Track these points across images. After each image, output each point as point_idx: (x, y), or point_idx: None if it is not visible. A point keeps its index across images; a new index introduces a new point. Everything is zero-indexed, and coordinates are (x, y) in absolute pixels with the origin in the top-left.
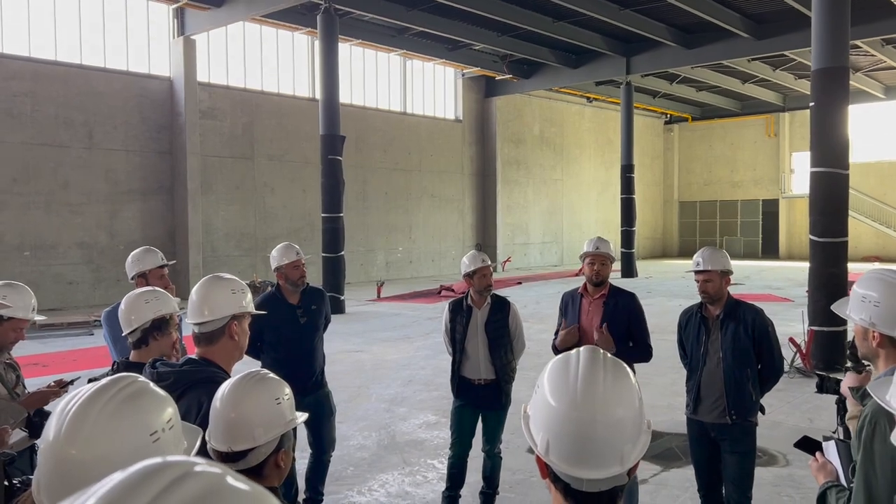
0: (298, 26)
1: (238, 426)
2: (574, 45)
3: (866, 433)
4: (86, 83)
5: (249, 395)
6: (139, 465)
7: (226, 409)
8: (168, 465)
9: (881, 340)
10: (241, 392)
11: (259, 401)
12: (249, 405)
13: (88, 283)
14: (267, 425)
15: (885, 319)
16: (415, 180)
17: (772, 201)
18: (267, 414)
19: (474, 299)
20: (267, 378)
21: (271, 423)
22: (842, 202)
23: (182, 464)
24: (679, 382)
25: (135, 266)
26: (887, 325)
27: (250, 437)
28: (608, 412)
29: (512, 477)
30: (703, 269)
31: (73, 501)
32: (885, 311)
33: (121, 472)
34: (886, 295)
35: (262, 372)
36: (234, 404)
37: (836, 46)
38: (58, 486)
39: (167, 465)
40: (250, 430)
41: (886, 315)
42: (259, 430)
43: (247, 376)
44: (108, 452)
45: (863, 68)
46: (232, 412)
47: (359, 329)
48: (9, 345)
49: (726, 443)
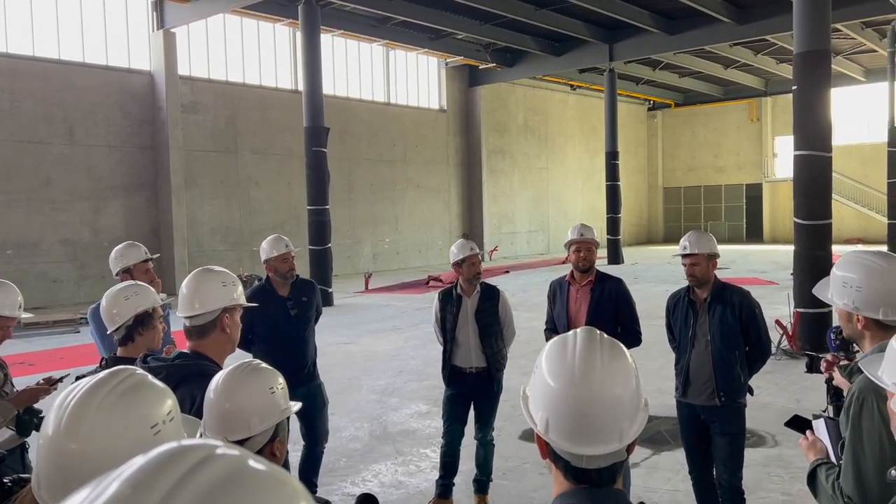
0: (279, 17)
1: (233, 416)
2: (557, 32)
3: (854, 410)
4: (65, 79)
5: (243, 385)
6: (160, 449)
7: (220, 399)
8: (190, 448)
9: (866, 323)
10: (234, 382)
11: (253, 390)
12: (244, 395)
13: (73, 280)
14: (262, 415)
15: (868, 303)
16: (400, 171)
17: (755, 185)
18: (262, 403)
19: (464, 288)
20: (260, 368)
21: (266, 412)
22: (825, 185)
23: (203, 447)
24: (668, 367)
25: (119, 262)
26: (870, 308)
27: (245, 427)
28: (606, 390)
29: (505, 464)
30: (689, 252)
31: (95, 487)
32: (867, 294)
33: (142, 456)
34: (867, 279)
35: (254, 362)
36: (228, 395)
37: (818, 30)
38: (59, 482)
39: (189, 448)
40: (245, 420)
41: (869, 298)
42: (254, 419)
43: (240, 367)
44: (109, 446)
45: (843, 52)
46: (226, 402)
47: (348, 321)
48: None
49: (716, 424)
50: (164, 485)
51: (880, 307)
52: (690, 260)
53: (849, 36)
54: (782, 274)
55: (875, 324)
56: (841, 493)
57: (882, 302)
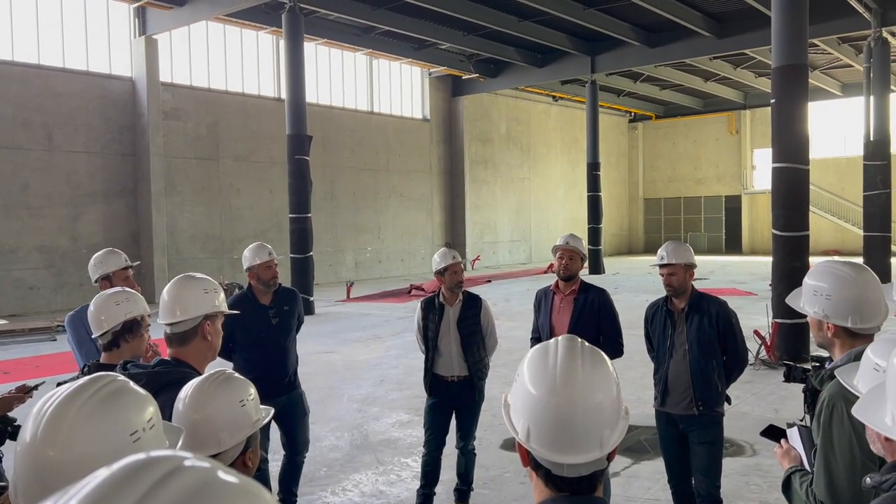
0: (263, 25)
1: (202, 430)
2: (539, 44)
3: (825, 416)
4: (44, 84)
5: (213, 398)
6: (125, 462)
7: (188, 411)
8: (156, 460)
9: (836, 330)
10: (204, 395)
11: (223, 403)
12: (213, 408)
13: (50, 287)
14: (232, 429)
15: (837, 311)
16: (383, 180)
17: (734, 197)
18: (232, 417)
19: (446, 297)
20: (232, 379)
21: (237, 426)
22: (803, 197)
23: (171, 458)
24: (648, 376)
25: (98, 269)
26: (839, 316)
27: (216, 443)
28: (587, 397)
29: (486, 473)
30: (667, 262)
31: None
32: (836, 303)
33: (105, 468)
34: (837, 288)
35: (226, 372)
36: (196, 407)
37: (796, 45)
38: (36, 490)
39: (155, 460)
40: (215, 434)
41: (838, 307)
42: (224, 434)
43: (210, 377)
44: (87, 453)
45: (820, 66)
46: (195, 414)
47: (329, 330)
48: None
49: (694, 433)
50: (129, 499)
51: (849, 315)
52: (668, 270)
53: (826, 51)
54: (761, 285)
55: (844, 331)
56: (814, 498)
57: (851, 310)
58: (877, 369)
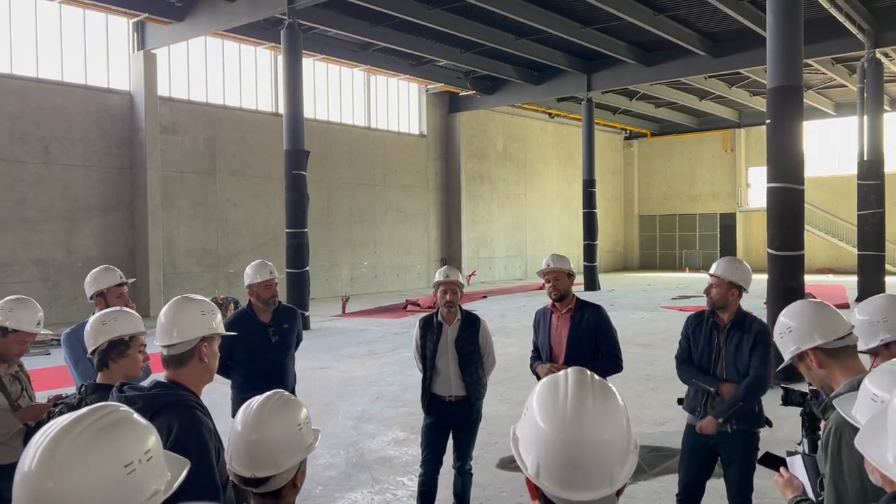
0: (261, 41)
1: (261, 451)
2: (536, 61)
3: (832, 444)
4: (43, 97)
5: (274, 421)
6: None
7: (247, 431)
8: None
9: (817, 359)
10: (265, 417)
11: (283, 427)
12: (273, 431)
13: (45, 301)
14: (290, 452)
15: (802, 336)
16: (379, 195)
17: (729, 215)
18: (290, 440)
19: (444, 316)
20: (290, 401)
21: (294, 449)
22: (798, 216)
23: None
24: (646, 395)
25: (93, 285)
26: (805, 339)
27: (273, 464)
28: (597, 434)
29: (482, 493)
30: (712, 273)
31: None
32: (797, 329)
33: None
34: (791, 316)
35: (284, 395)
36: (256, 428)
37: (790, 65)
38: None
39: None
40: (273, 456)
41: (799, 332)
42: (282, 456)
43: (270, 399)
44: (81, 484)
45: (815, 86)
46: (253, 434)
47: (324, 345)
48: (13, 357)
49: (726, 452)
50: None
51: (812, 332)
52: (713, 281)
53: (820, 71)
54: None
55: (826, 355)
56: None
57: (811, 328)
58: (874, 399)
